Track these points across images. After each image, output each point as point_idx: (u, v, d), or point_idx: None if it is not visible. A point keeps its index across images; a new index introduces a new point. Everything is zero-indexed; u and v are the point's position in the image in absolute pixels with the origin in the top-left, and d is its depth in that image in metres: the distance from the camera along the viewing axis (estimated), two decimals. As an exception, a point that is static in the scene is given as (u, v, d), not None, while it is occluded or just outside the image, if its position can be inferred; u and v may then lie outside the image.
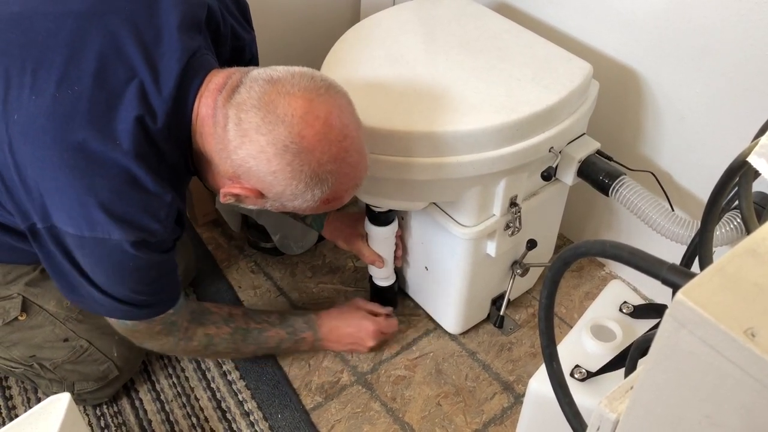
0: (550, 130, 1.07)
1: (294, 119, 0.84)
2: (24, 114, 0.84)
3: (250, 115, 0.84)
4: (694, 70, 1.14)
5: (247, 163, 0.86)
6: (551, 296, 0.62)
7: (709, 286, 0.39)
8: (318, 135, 0.85)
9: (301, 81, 0.86)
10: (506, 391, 1.27)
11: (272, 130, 0.84)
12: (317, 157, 0.86)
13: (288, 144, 0.84)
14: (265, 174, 0.87)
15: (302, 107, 0.84)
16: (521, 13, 1.38)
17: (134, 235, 0.88)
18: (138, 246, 0.89)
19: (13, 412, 1.24)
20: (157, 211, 0.88)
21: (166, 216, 0.89)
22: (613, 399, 0.52)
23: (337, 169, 0.88)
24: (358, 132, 0.91)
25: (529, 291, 1.45)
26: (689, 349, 0.40)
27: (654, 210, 1.07)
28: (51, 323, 1.13)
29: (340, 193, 0.93)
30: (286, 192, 0.89)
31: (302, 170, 0.86)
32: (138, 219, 0.87)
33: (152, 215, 0.88)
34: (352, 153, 0.89)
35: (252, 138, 0.84)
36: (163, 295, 1.04)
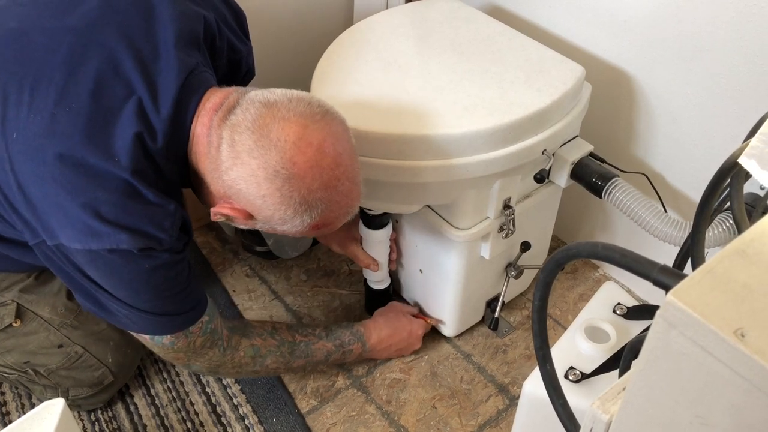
0: (543, 133, 1.08)
1: (287, 145, 0.83)
2: (23, 133, 0.84)
3: (243, 138, 0.84)
4: (686, 72, 1.14)
5: (238, 184, 0.86)
6: (544, 298, 0.62)
7: (699, 287, 0.40)
8: (310, 162, 0.84)
9: (297, 106, 0.86)
10: (501, 394, 1.28)
11: (264, 154, 0.83)
12: (308, 184, 0.85)
13: (279, 169, 0.83)
14: (255, 197, 0.86)
15: (296, 133, 0.84)
16: (514, 16, 1.39)
17: (142, 242, 0.87)
18: (148, 252, 0.89)
19: (7, 418, 1.23)
20: (162, 221, 0.88)
21: (171, 225, 0.89)
22: (606, 400, 0.52)
23: (328, 197, 0.88)
24: (353, 160, 0.91)
25: (523, 293, 1.45)
26: (680, 349, 0.40)
27: (647, 211, 1.08)
28: (45, 330, 1.12)
29: (330, 219, 0.92)
30: (275, 216, 0.88)
31: (292, 196, 0.85)
32: (143, 227, 0.86)
33: (157, 225, 0.87)
34: (344, 181, 0.88)
35: (244, 160, 0.84)
36: (190, 300, 1.01)
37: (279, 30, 1.53)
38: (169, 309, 0.98)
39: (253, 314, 1.42)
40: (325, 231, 0.95)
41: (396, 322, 1.29)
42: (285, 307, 1.43)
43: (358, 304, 1.43)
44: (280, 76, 1.56)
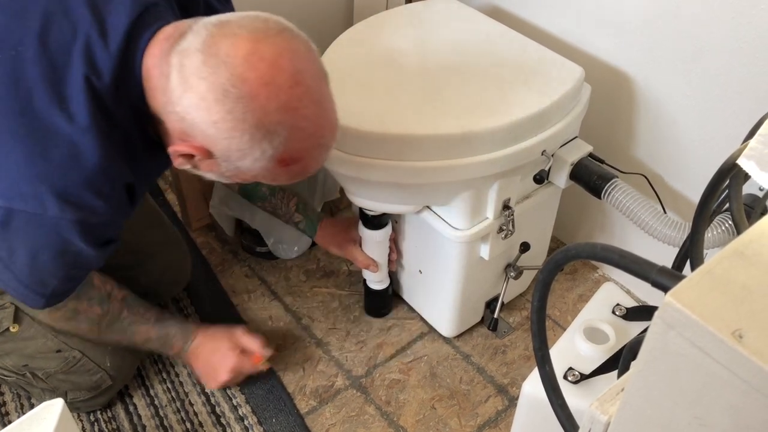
0: (542, 134, 1.08)
1: (236, 60, 0.75)
2: None
3: (191, 60, 0.76)
4: (685, 73, 1.14)
5: (190, 114, 0.78)
6: (543, 299, 0.62)
7: (698, 288, 0.40)
8: (263, 78, 0.75)
9: (252, 23, 0.78)
10: (500, 394, 1.28)
11: (212, 74, 0.75)
12: (262, 105, 0.76)
13: (228, 88, 0.75)
14: (207, 125, 0.78)
15: (246, 48, 0.75)
16: (513, 17, 1.39)
17: (74, 214, 0.82)
18: (77, 227, 0.84)
19: (7, 419, 1.23)
20: (101, 187, 0.82)
21: (111, 191, 0.83)
22: (605, 401, 0.52)
23: (289, 121, 0.78)
24: (318, 82, 0.81)
25: (522, 294, 1.45)
26: (678, 350, 0.40)
27: (646, 212, 1.08)
28: (43, 335, 1.11)
29: (298, 152, 0.82)
30: (232, 147, 0.79)
31: (245, 119, 0.76)
32: (78, 196, 0.82)
33: (95, 191, 0.82)
34: (307, 104, 0.79)
35: (192, 84, 0.76)
36: (68, 287, 0.98)
37: (279, 30, 1.53)
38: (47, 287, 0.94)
39: (252, 314, 1.42)
40: (297, 170, 0.85)
41: (220, 341, 1.22)
42: (284, 308, 1.43)
43: (358, 304, 1.43)
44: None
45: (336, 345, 1.36)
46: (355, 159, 1.05)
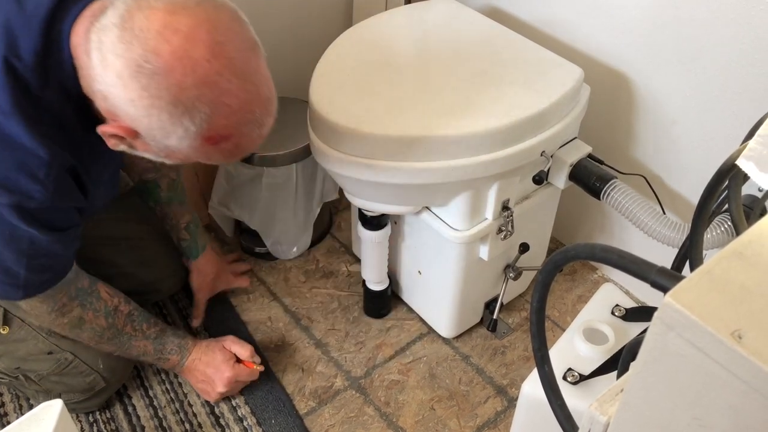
0: (541, 134, 1.08)
1: (149, 34, 0.71)
2: None
3: (108, 36, 0.73)
4: (685, 73, 1.14)
5: (111, 93, 0.75)
6: (542, 299, 0.62)
7: (697, 288, 0.40)
8: (177, 52, 0.71)
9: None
10: (500, 395, 1.28)
11: (127, 49, 0.71)
12: (177, 80, 0.72)
13: (142, 64, 0.71)
14: (126, 104, 0.74)
15: (160, 20, 0.71)
16: (513, 18, 1.39)
17: (9, 198, 0.80)
18: (15, 212, 0.82)
19: (5, 419, 1.23)
20: (35, 171, 0.79)
21: (47, 176, 0.80)
22: (604, 402, 0.52)
23: (208, 97, 0.74)
24: (245, 55, 0.77)
25: (522, 294, 1.45)
26: (677, 351, 0.40)
27: (645, 213, 1.08)
28: (34, 337, 1.10)
29: (225, 129, 0.78)
30: (153, 126, 0.76)
31: (161, 96, 0.73)
32: (10, 179, 0.79)
33: (29, 174, 0.79)
34: (228, 77, 0.74)
35: (109, 62, 0.73)
36: (45, 276, 0.96)
37: (278, 31, 1.53)
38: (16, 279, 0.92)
39: (251, 315, 1.42)
40: (228, 148, 0.81)
41: (213, 354, 1.21)
42: (283, 308, 1.43)
43: (357, 305, 1.43)
44: (278, 77, 1.55)
45: (335, 346, 1.36)
46: (354, 160, 1.05)
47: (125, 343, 1.13)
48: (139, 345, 1.15)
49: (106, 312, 1.09)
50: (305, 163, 1.38)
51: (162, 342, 1.18)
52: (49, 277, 0.98)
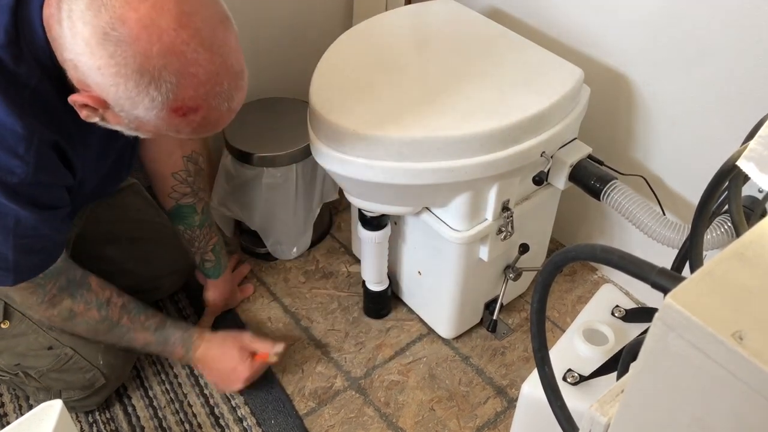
0: (541, 135, 1.08)
1: (116, 2, 0.71)
2: None
3: (78, 4, 0.73)
4: (685, 74, 1.14)
5: (80, 61, 0.75)
6: (543, 300, 0.62)
7: (698, 289, 0.40)
8: (143, 20, 0.71)
9: None
10: (499, 396, 1.28)
11: (95, 17, 0.72)
12: (143, 48, 0.72)
13: (108, 31, 0.71)
14: (94, 72, 0.74)
15: None
16: (513, 19, 1.39)
17: None
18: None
19: (5, 419, 1.23)
20: (14, 146, 0.79)
21: (27, 150, 0.80)
22: (604, 402, 0.52)
23: (173, 66, 0.74)
24: (214, 26, 0.76)
25: (522, 295, 1.45)
26: (678, 352, 0.40)
27: (645, 214, 1.08)
28: (34, 331, 1.11)
29: (192, 101, 0.77)
30: (120, 95, 0.75)
31: (126, 63, 0.72)
32: None
33: (8, 150, 0.79)
34: (195, 47, 0.74)
35: (78, 30, 0.73)
36: (34, 259, 0.95)
37: (278, 31, 1.54)
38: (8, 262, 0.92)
39: (251, 315, 1.42)
40: (196, 120, 0.80)
41: (229, 351, 1.20)
42: (283, 309, 1.43)
43: (357, 305, 1.43)
44: (278, 77, 1.56)
45: (335, 346, 1.36)
46: (354, 160, 1.05)
47: (125, 336, 1.12)
48: (139, 337, 1.14)
49: (98, 304, 1.08)
50: (305, 163, 1.38)
51: (164, 334, 1.16)
52: (38, 261, 0.97)
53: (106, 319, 1.09)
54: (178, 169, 1.23)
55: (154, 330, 1.15)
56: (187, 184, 1.25)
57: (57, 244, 0.99)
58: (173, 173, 1.23)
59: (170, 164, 1.23)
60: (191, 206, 1.28)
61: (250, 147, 1.34)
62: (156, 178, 1.25)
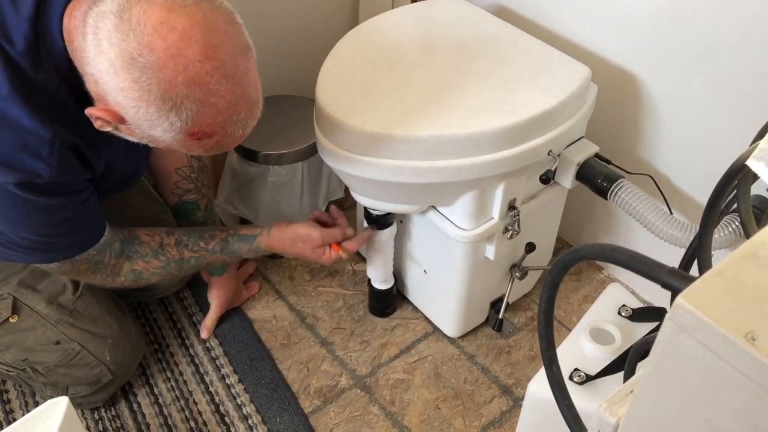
0: (548, 134, 1.07)
1: (146, 29, 0.73)
2: None
3: (105, 23, 0.74)
4: (693, 73, 1.14)
5: (102, 78, 0.76)
6: (551, 299, 0.62)
7: (709, 289, 0.39)
8: (171, 50, 0.74)
9: None
10: (505, 395, 1.27)
11: (122, 40, 0.73)
12: (168, 77, 0.74)
13: (136, 57, 0.73)
14: (116, 91, 0.76)
15: (158, 16, 0.73)
16: (520, 17, 1.38)
17: (15, 176, 0.82)
18: (25, 188, 0.84)
19: (11, 416, 1.23)
20: (38, 149, 0.82)
21: (50, 154, 0.83)
22: (613, 403, 0.52)
23: (197, 96, 0.77)
24: (236, 58, 0.79)
25: (527, 294, 1.45)
26: (689, 352, 0.40)
27: (652, 213, 1.07)
28: (42, 326, 1.12)
29: (209, 128, 0.80)
30: (140, 116, 0.78)
31: (150, 90, 0.75)
32: (16, 158, 0.81)
33: (32, 154, 0.82)
34: (218, 79, 0.77)
35: (104, 48, 0.75)
36: (76, 237, 0.97)
37: (284, 30, 1.53)
38: (51, 244, 0.95)
39: (256, 313, 1.42)
40: (210, 144, 0.83)
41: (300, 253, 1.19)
42: (289, 307, 1.43)
43: (362, 304, 1.43)
44: (284, 75, 1.56)
45: (340, 344, 1.36)
46: (360, 158, 1.05)
47: (198, 265, 1.15)
48: (214, 260, 1.16)
49: (153, 252, 1.09)
50: (311, 161, 1.38)
51: (232, 251, 1.16)
52: (82, 237, 0.99)
53: (171, 262, 1.11)
54: (182, 164, 1.24)
55: (221, 251, 1.16)
56: (190, 180, 1.26)
57: (96, 219, 1.01)
58: (176, 169, 1.24)
59: (174, 160, 1.24)
60: (194, 202, 1.28)
61: (256, 145, 1.34)
62: (159, 173, 1.26)
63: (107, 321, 1.18)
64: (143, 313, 1.41)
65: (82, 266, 1.02)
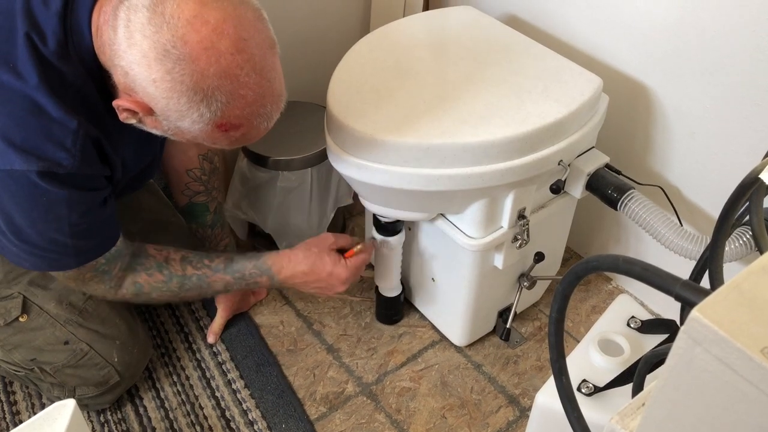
0: (559, 143, 1.07)
1: (179, 22, 0.75)
2: None
3: (138, 16, 0.76)
4: (705, 84, 1.13)
5: (133, 69, 0.78)
6: (562, 310, 0.62)
7: (725, 303, 0.39)
8: (204, 42, 0.76)
9: None
10: (512, 405, 1.27)
11: (156, 32, 0.76)
12: (201, 68, 0.77)
13: (169, 49, 0.76)
14: (147, 83, 0.78)
15: (191, 10, 0.76)
16: (532, 27, 1.38)
17: (38, 164, 0.83)
18: (46, 178, 0.85)
19: (17, 417, 1.24)
20: (62, 139, 0.84)
21: (73, 144, 0.85)
22: (625, 415, 0.52)
23: (228, 88, 0.79)
24: (264, 52, 0.81)
25: (535, 304, 1.44)
26: (704, 367, 0.40)
27: (663, 225, 1.07)
28: (51, 325, 1.13)
29: (237, 119, 0.83)
30: (170, 107, 0.80)
31: (183, 81, 0.77)
32: (40, 147, 0.83)
33: (56, 143, 0.84)
34: (248, 72, 0.79)
35: (136, 40, 0.77)
36: (92, 242, 0.99)
37: (295, 37, 1.54)
38: (65, 247, 0.95)
39: (263, 319, 1.41)
40: (236, 137, 0.86)
41: (318, 261, 1.16)
42: (296, 313, 1.43)
43: (369, 311, 1.43)
44: (295, 82, 1.56)
45: (347, 351, 1.36)
46: (371, 166, 1.05)
47: (201, 285, 1.12)
48: (216, 281, 1.13)
49: (158, 265, 1.09)
50: (320, 167, 1.38)
51: (236, 269, 1.14)
52: (97, 242, 1.00)
53: (173, 277, 1.10)
54: (193, 166, 1.25)
55: (224, 269, 1.14)
56: (201, 183, 1.26)
57: (111, 225, 1.02)
58: (188, 170, 1.25)
59: (185, 161, 1.25)
60: (204, 205, 1.29)
61: (266, 150, 1.35)
62: (171, 173, 1.27)
63: (116, 322, 1.18)
64: (151, 316, 1.41)
65: (87, 274, 1.02)
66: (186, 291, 1.12)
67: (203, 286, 1.13)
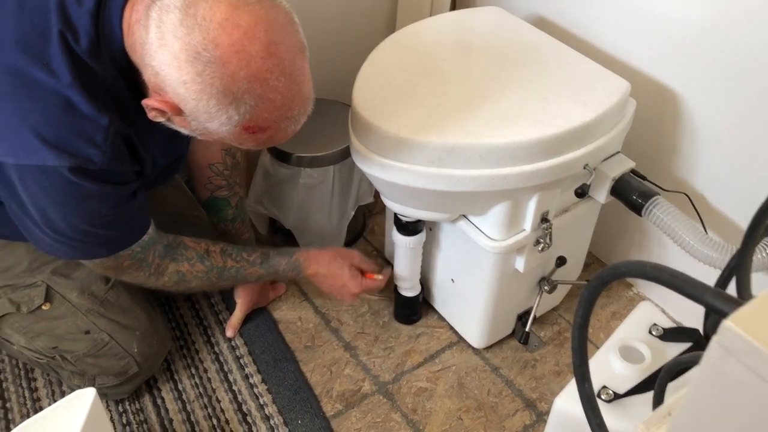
0: (585, 147, 1.06)
1: (211, 25, 0.76)
2: None
3: (170, 17, 0.77)
4: (734, 90, 1.12)
5: (163, 70, 0.79)
6: (586, 315, 0.61)
7: (760, 313, 0.38)
8: (235, 46, 0.77)
9: None
10: (528, 409, 1.26)
11: (187, 34, 0.76)
12: (231, 71, 0.77)
13: (200, 51, 0.76)
14: (177, 84, 0.79)
15: (223, 13, 0.76)
16: (559, 28, 1.37)
17: (70, 160, 0.84)
18: (78, 173, 0.86)
19: (38, 404, 1.25)
20: (93, 136, 0.85)
21: (104, 141, 0.86)
22: (651, 424, 0.51)
23: (257, 91, 0.80)
24: (293, 56, 0.82)
25: (555, 308, 1.43)
26: (736, 377, 0.39)
27: (688, 232, 1.06)
28: (73, 314, 1.14)
29: (265, 122, 0.84)
30: (200, 108, 0.81)
31: (213, 83, 0.78)
32: (72, 144, 0.84)
33: (87, 140, 0.85)
34: (278, 76, 0.80)
35: (168, 42, 0.77)
36: (122, 231, 1.00)
37: (322, 34, 1.54)
38: (98, 237, 0.97)
39: (282, 314, 1.42)
40: (263, 139, 0.87)
41: (338, 270, 1.23)
42: (314, 309, 1.43)
43: (387, 310, 1.43)
44: (321, 79, 1.56)
45: (364, 349, 1.36)
46: (394, 164, 1.05)
47: (237, 276, 1.18)
48: (250, 273, 1.19)
49: (199, 256, 1.13)
50: (343, 165, 1.38)
51: (272, 265, 1.21)
52: (127, 232, 1.02)
53: (214, 267, 1.14)
54: (216, 160, 1.26)
55: (260, 264, 1.20)
56: (223, 177, 1.27)
57: (142, 215, 1.03)
58: (210, 164, 1.26)
59: (208, 155, 1.26)
60: (225, 199, 1.30)
61: (289, 146, 1.35)
62: (194, 167, 1.28)
63: (137, 313, 1.20)
64: (170, 308, 1.42)
65: (125, 262, 1.04)
66: (223, 281, 1.17)
67: (238, 277, 1.19)
